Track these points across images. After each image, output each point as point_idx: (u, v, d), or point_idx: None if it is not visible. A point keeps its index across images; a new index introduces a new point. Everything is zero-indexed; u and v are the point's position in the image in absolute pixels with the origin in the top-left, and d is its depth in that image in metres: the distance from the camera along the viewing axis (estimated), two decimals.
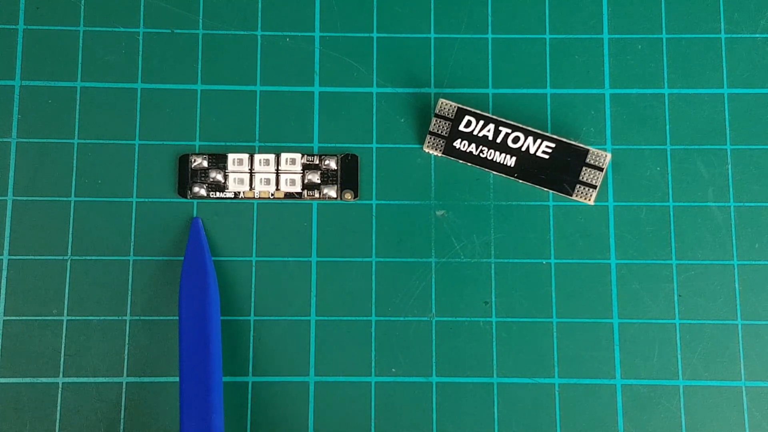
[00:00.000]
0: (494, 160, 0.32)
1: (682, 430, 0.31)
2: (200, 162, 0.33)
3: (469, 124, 0.32)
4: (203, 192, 0.32)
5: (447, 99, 0.32)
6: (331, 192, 0.33)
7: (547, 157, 0.32)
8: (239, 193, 0.32)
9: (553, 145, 0.32)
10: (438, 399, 0.31)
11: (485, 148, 0.32)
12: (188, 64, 0.33)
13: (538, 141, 0.32)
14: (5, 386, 0.31)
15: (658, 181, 0.33)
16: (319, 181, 0.33)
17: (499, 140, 0.32)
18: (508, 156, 0.32)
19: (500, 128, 0.32)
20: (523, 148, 0.32)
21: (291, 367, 0.32)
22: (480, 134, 0.32)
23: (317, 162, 0.33)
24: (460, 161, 0.32)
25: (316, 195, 0.32)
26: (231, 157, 0.33)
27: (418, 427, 0.31)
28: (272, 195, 0.33)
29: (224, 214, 0.32)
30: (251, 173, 0.33)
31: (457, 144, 0.32)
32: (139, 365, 0.31)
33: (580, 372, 0.32)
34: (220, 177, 0.32)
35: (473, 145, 0.32)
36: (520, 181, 0.32)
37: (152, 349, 0.32)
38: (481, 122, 0.32)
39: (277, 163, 0.33)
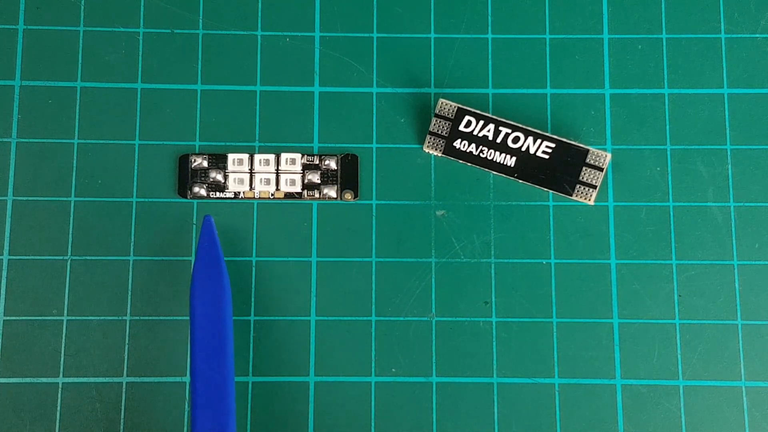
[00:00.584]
0: (494, 160, 0.32)
1: (682, 430, 0.31)
2: (200, 162, 0.33)
3: (469, 124, 0.32)
4: (203, 192, 0.32)
5: (447, 99, 0.32)
6: (331, 192, 0.33)
7: (547, 157, 0.32)
8: (239, 193, 0.32)
9: (553, 145, 0.32)
10: (438, 399, 0.31)
11: (485, 148, 0.32)
12: (188, 64, 0.33)
13: (538, 141, 0.32)
14: (5, 386, 0.31)
15: (658, 181, 0.33)
16: (319, 181, 0.33)
17: (499, 140, 0.32)
18: (508, 156, 0.32)
19: (500, 128, 0.32)
20: (523, 148, 0.32)
21: (291, 367, 0.32)
22: (480, 134, 0.32)
23: (317, 162, 0.33)
24: (460, 161, 0.32)
25: (316, 195, 0.32)
26: (231, 157, 0.33)
27: (418, 427, 0.31)
28: (272, 195, 0.33)
29: (224, 214, 0.32)
30: (251, 173, 0.33)
31: (457, 144, 0.32)
32: (139, 365, 0.31)
33: (580, 372, 0.32)
34: (220, 177, 0.32)
35: (473, 145, 0.32)
36: (520, 181, 0.32)
37: (152, 349, 0.32)
38: (481, 122, 0.32)
39: (277, 163, 0.33)
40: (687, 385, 0.32)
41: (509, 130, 0.32)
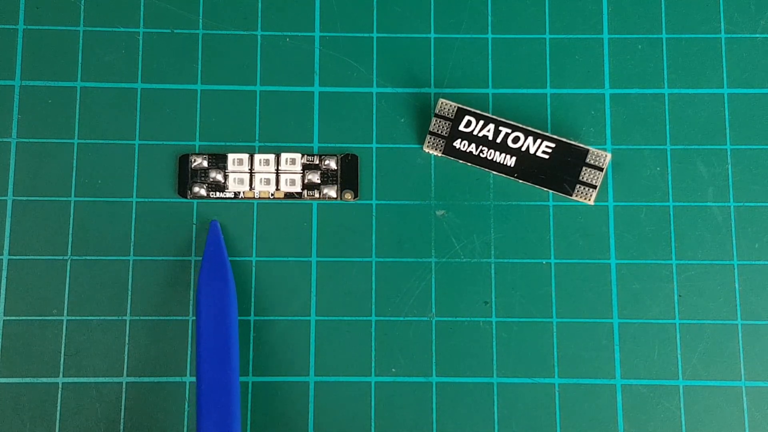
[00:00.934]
0: (494, 160, 0.32)
1: (682, 430, 0.31)
2: (200, 162, 0.33)
3: (469, 124, 0.32)
4: (203, 192, 0.32)
5: (447, 99, 0.32)
6: (331, 192, 0.33)
7: (547, 157, 0.32)
8: (239, 193, 0.32)
9: (553, 145, 0.32)
10: (438, 399, 0.31)
11: (485, 148, 0.32)
12: (188, 64, 0.33)
13: (538, 141, 0.32)
14: (5, 386, 0.31)
15: (658, 181, 0.33)
16: (319, 181, 0.33)
17: (499, 140, 0.32)
18: (508, 156, 0.32)
19: (500, 128, 0.32)
20: (523, 148, 0.32)
21: (291, 367, 0.32)
22: (480, 134, 0.32)
23: (317, 162, 0.33)
24: (460, 161, 0.32)
25: (316, 195, 0.32)
26: (231, 157, 0.33)
27: (418, 427, 0.31)
28: (272, 195, 0.33)
29: (224, 214, 0.32)
30: (251, 173, 0.33)
31: (457, 144, 0.32)
32: (139, 365, 0.31)
33: (580, 372, 0.32)
34: (220, 177, 0.32)
35: (473, 145, 0.32)
36: (520, 181, 0.32)
37: (152, 349, 0.32)
38: (481, 122, 0.32)
39: (277, 163, 0.33)
40: (687, 385, 0.32)
41: (509, 130, 0.32)
